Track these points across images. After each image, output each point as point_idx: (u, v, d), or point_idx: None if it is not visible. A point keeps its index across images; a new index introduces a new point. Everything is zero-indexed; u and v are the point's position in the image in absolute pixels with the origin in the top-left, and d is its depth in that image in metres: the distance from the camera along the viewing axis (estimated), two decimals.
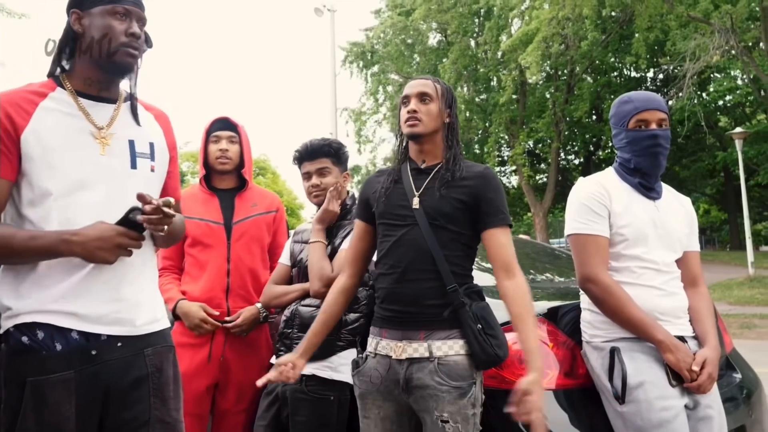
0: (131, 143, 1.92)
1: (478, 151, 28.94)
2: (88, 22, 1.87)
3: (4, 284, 1.79)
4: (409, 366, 2.15)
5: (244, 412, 3.06)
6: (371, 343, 2.30)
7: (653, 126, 2.41)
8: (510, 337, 2.35)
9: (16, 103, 1.79)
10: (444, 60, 25.86)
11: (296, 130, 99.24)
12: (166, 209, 1.71)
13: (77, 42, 1.89)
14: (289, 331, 2.77)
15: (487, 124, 27.34)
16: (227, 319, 3.00)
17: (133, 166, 1.91)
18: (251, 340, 3.11)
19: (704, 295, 2.52)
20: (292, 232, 3.28)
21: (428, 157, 2.33)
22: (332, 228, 2.89)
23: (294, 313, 2.78)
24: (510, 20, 23.08)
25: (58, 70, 1.91)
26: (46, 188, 1.77)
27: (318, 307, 2.64)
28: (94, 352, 1.77)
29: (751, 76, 22.97)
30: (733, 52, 18.12)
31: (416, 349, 2.15)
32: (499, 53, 23.52)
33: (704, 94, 27.06)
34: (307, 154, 2.98)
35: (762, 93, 23.71)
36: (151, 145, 1.98)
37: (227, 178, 3.25)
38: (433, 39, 28.90)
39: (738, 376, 3.09)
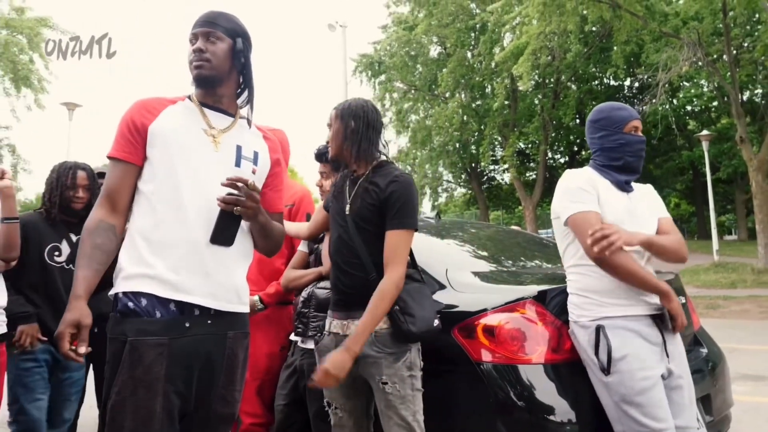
0: (239, 147, 2.00)
1: (474, 151, 28.88)
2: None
3: (124, 247, 1.87)
4: None
5: (262, 381, 3.09)
6: (327, 323, 2.43)
7: (640, 132, 2.51)
8: (504, 317, 2.37)
9: (147, 105, 1.95)
10: (443, 69, 25.77)
11: (312, 134, 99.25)
12: (242, 185, 1.80)
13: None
14: (306, 311, 2.79)
15: (482, 127, 27.25)
16: None
17: (237, 164, 1.98)
18: (273, 318, 3.13)
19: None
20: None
21: (355, 167, 2.44)
22: None
23: (310, 294, 2.79)
24: (503, 34, 22.94)
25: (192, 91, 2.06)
26: (163, 170, 1.87)
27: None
28: (187, 325, 1.81)
29: (716, 85, 22.86)
30: (700, 63, 17.98)
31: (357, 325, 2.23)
32: (493, 63, 23.36)
33: (675, 101, 26.95)
34: (316, 157, 3.08)
35: (725, 99, 23.51)
36: (255, 153, 2.06)
37: None
38: (434, 51, 28.81)
39: (704, 350, 3.10)
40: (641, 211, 2.45)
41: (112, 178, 1.92)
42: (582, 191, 2.40)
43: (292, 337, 2.94)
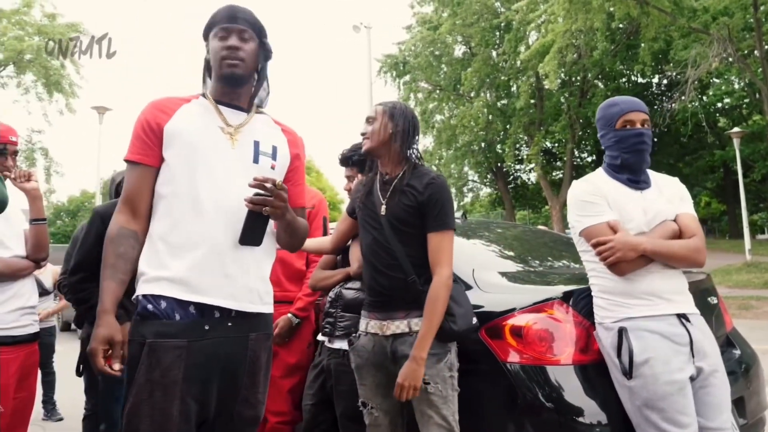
0: (256, 143, 1.97)
1: (500, 151, 28.73)
2: (209, 48, 2.00)
3: (144, 250, 1.85)
4: (394, 340, 2.31)
5: (289, 379, 3.11)
6: (362, 324, 2.45)
7: (638, 125, 2.41)
8: (531, 317, 2.35)
9: (161, 105, 1.93)
10: (468, 69, 25.67)
11: (338, 134, 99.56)
12: (269, 185, 1.77)
13: (209, 65, 2.02)
14: (333, 310, 2.80)
15: (507, 127, 27.10)
16: None
17: (255, 161, 1.95)
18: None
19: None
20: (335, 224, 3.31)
21: (388, 168, 2.47)
22: None
23: (338, 294, 2.80)
24: (528, 33, 22.81)
25: (206, 89, 2.05)
26: (180, 170, 1.85)
27: (359, 290, 2.68)
28: (207, 327, 1.78)
29: (747, 81, 22.44)
30: (730, 59, 17.68)
31: (398, 326, 2.31)
32: (518, 62, 23.26)
33: (704, 98, 26.49)
34: (340, 161, 3.10)
35: (757, 96, 23.05)
36: (274, 148, 2.03)
37: None
38: (459, 51, 28.71)
39: (737, 352, 3.04)
40: (658, 209, 2.38)
41: (130, 182, 1.90)
42: (588, 204, 2.38)
43: (319, 337, 2.95)
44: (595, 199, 2.37)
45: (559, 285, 2.57)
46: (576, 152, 29.75)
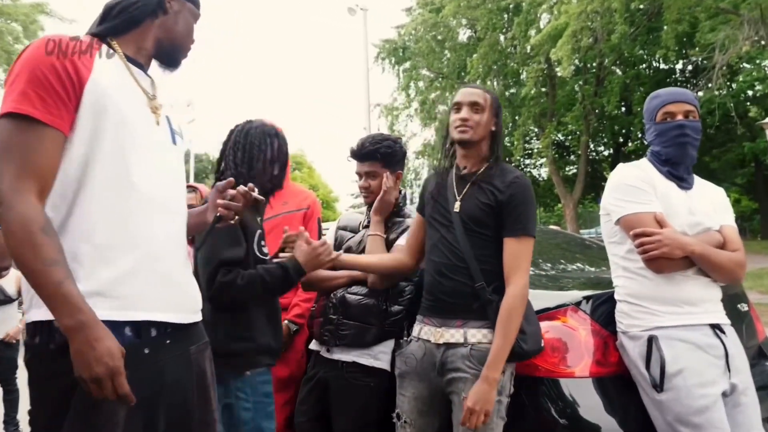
0: (168, 120, 1.81)
1: (508, 144, 28.73)
2: (178, 9, 1.83)
3: None
4: (446, 350, 2.27)
5: (281, 397, 3.04)
6: (415, 328, 2.42)
7: (679, 117, 2.42)
8: (543, 326, 2.35)
9: (72, 47, 1.57)
10: (473, 55, 25.66)
11: (331, 126, 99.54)
12: (252, 193, 1.74)
13: (155, 15, 1.78)
14: (335, 317, 2.77)
15: (516, 117, 27.10)
16: None
17: (174, 142, 1.81)
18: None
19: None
20: (336, 221, 3.31)
21: (470, 163, 2.42)
22: (388, 222, 2.90)
23: (341, 300, 2.77)
24: (539, 15, 22.81)
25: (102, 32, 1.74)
26: (110, 148, 1.57)
27: (365, 295, 2.68)
28: (146, 351, 1.58)
29: None
30: (762, 42, 17.69)
31: (453, 335, 2.26)
32: (528, 48, 23.24)
33: (733, 85, 26.49)
34: (358, 156, 2.95)
35: None
36: (178, 126, 1.90)
37: None
38: (463, 35, 28.70)
39: None
40: (704, 213, 2.41)
41: (41, 151, 1.49)
42: (635, 189, 2.38)
43: (313, 345, 2.94)
44: (644, 186, 2.38)
45: (573, 290, 2.57)
46: (591, 145, 29.76)
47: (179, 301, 1.70)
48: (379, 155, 2.88)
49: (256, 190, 1.89)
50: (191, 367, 1.72)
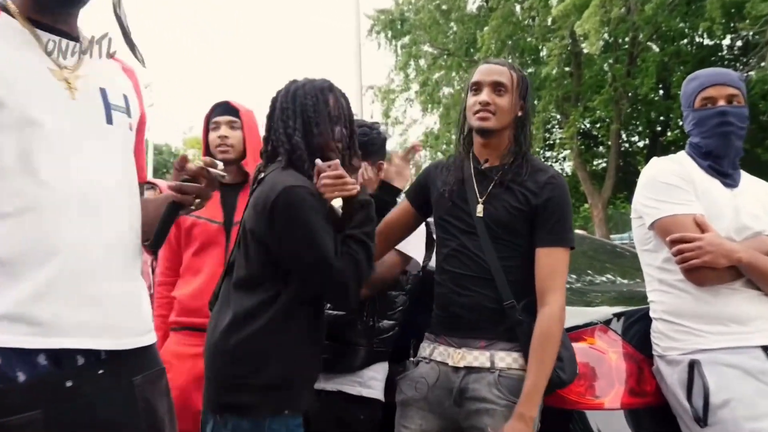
0: (103, 92, 1.71)
1: None
2: None
3: None
4: (466, 375, 2.23)
5: None
6: (425, 348, 2.39)
7: (721, 103, 2.42)
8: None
9: None
10: (484, 28, 25.68)
11: None
12: (216, 170, 1.68)
13: None
14: None
15: (535, 102, 27.11)
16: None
17: (109, 120, 1.69)
18: None
19: None
20: None
21: (492, 155, 2.38)
22: None
23: None
24: None
25: None
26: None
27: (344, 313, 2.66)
28: (69, 384, 1.51)
29: None
30: None
31: (476, 357, 2.23)
32: (549, 20, 23.27)
33: None
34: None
35: None
36: (126, 98, 1.79)
37: (231, 170, 3.21)
38: (472, 4, 28.72)
39: None
40: (752, 214, 2.41)
41: None
42: (672, 188, 2.38)
43: None
44: (682, 184, 2.39)
45: (602, 306, 2.58)
46: (623, 135, 29.79)
47: (113, 322, 1.62)
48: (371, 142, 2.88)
49: (219, 164, 1.79)
50: (135, 403, 1.65)
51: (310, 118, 2.36)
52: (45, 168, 1.52)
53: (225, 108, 3.28)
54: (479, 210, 2.33)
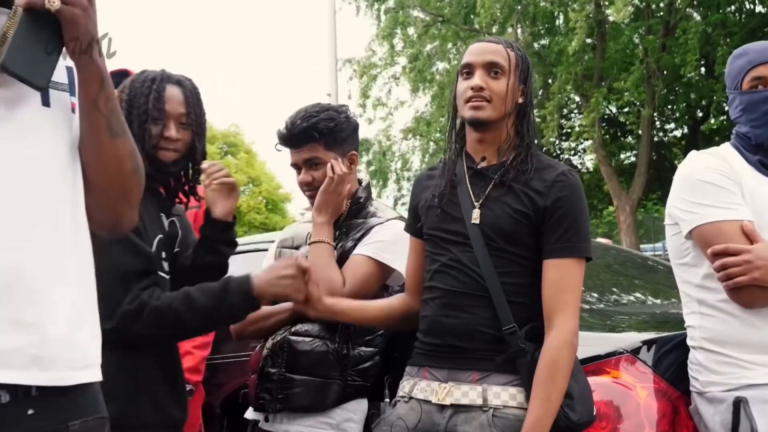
0: None
1: (537, 119, 28.72)
2: None
3: None
4: (454, 415, 2.23)
5: None
6: (405, 385, 2.39)
7: None
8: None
9: None
10: None
11: (281, 93, 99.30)
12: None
13: None
14: (274, 371, 2.77)
15: (549, 81, 27.17)
16: None
17: (45, 102, 1.65)
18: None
19: None
20: (276, 236, 3.29)
21: (489, 152, 2.40)
22: (341, 225, 2.90)
23: (281, 344, 2.78)
24: None
25: None
26: None
27: (317, 336, 2.66)
28: None
29: None
30: None
31: (466, 393, 2.22)
32: None
33: None
34: (289, 139, 2.95)
35: None
36: (69, 70, 1.74)
37: None
38: None
39: None
40: None
41: None
42: (714, 188, 2.39)
43: (250, 414, 2.94)
44: (726, 184, 2.40)
45: (629, 331, 2.59)
46: (656, 122, 29.91)
47: (41, 351, 1.55)
48: (317, 133, 2.87)
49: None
50: None
51: (132, 115, 2.47)
52: None
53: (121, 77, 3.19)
54: (475, 216, 2.32)
